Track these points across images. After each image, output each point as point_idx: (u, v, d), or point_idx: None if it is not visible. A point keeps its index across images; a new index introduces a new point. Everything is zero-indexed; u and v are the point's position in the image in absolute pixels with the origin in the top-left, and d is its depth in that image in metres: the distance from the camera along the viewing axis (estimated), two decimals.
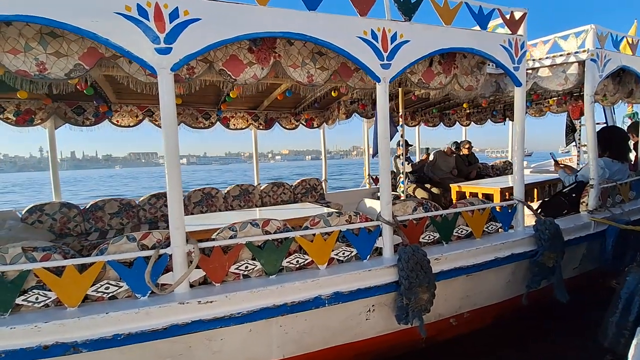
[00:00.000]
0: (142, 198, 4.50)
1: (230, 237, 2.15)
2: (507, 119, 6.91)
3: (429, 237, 2.69)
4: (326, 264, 2.31)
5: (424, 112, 6.47)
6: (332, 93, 4.26)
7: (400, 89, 4.34)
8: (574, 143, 6.97)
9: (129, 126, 4.37)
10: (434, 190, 5.98)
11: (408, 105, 5.61)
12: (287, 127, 5.56)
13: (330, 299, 2.15)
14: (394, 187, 6.28)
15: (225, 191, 5.03)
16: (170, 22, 1.86)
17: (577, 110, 6.20)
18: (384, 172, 2.46)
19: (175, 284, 1.93)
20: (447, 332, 2.80)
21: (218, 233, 2.16)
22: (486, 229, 2.87)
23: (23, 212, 3.86)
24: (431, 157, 6.48)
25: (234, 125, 5.14)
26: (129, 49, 1.82)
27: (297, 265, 2.28)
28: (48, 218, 3.86)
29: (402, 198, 4.65)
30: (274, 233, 2.23)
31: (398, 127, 4.56)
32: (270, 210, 4.55)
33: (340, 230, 2.35)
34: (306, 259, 2.29)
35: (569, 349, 2.72)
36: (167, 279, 2.00)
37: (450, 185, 5.53)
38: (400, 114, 4.50)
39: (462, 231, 2.78)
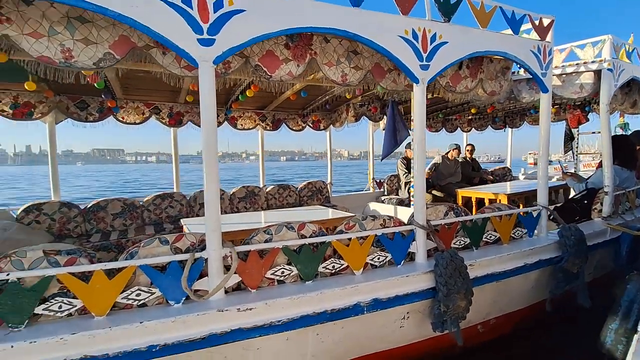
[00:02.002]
0: (146, 198, 4.29)
1: (266, 241, 2.04)
2: (507, 125, 7.03)
3: (460, 242, 2.64)
4: (362, 269, 2.23)
5: (428, 117, 6.50)
6: (347, 95, 4.21)
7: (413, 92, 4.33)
8: (571, 151, 7.15)
9: (134, 123, 4.18)
10: (437, 193, 5.99)
11: None
12: (294, 128, 5.46)
13: (369, 306, 2.07)
14: (397, 191, 6.27)
15: (231, 192, 4.87)
16: (215, 12, 1.75)
17: (575, 119, 6.35)
18: (419, 176, 2.40)
19: (214, 290, 1.80)
20: (474, 338, 2.76)
21: (253, 236, 2.05)
22: (512, 235, 2.85)
23: (18, 212, 3.61)
24: (434, 161, 6.49)
25: (242, 125, 5.00)
26: (170, 38, 1.69)
27: (333, 271, 2.19)
28: (46, 218, 3.62)
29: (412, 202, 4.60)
30: (310, 237, 2.14)
31: (409, 131, 4.54)
32: (279, 212, 4.43)
33: (376, 235, 2.27)
34: (342, 264, 2.21)
35: None
36: (201, 285, 1.87)
37: (457, 190, 5.55)
38: (412, 118, 4.46)
39: (490, 236, 2.75)
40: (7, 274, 1.57)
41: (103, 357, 1.58)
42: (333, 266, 2.19)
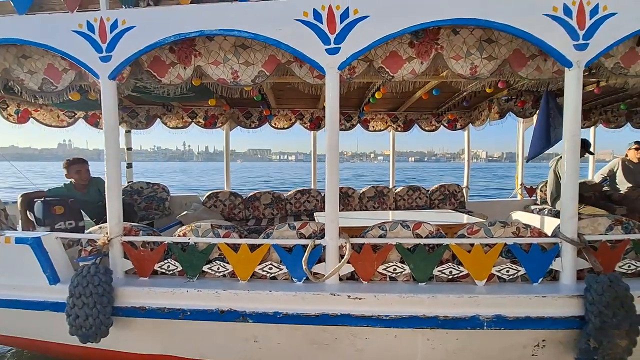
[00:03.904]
0: (289, 193, 4.99)
1: (380, 237, 2.11)
2: None
3: (629, 266, 2.07)
4: (485, 280, 2.03)
5: (604, 110, 5.15)
6: (487, 89, 3.80)
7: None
8: None
9: (283, 128, 4.94)
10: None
11: (587, 100, 4.56)
12: (426, 128, 5.27)
13: (490, 321, 1.87)
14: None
15: (361, 191, 5.11)
16: (341, 23, 1.94)
17: None
18: (570, 180, 2.00)
19: (328, 274, 2.00)
20: None
21: (368, 231, 2.15)
22: None
23: (204, 197, 4.78)
24: (609, 166, 5.07)
25: (373, 127, 5.18)
26: (303, 52, 1.97)
27: (450, 276, 2.08)
28: (221, 204, 4.67)
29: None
30: (426, 237, 2.09)
31: None
32: (405, 213, 4.38)
33: (506, 244, 2.02)
34: (461, 271, 2.06)
35: None
36: (319, 269, 2.09)
37: None
38: None
39: None
40: (189, 239, 2.16)
41: (242, 312, 1.98)
42: (450, 271, 2.07)
